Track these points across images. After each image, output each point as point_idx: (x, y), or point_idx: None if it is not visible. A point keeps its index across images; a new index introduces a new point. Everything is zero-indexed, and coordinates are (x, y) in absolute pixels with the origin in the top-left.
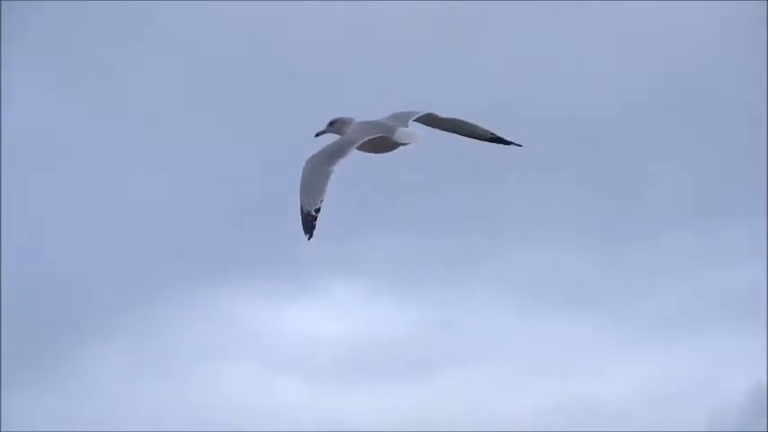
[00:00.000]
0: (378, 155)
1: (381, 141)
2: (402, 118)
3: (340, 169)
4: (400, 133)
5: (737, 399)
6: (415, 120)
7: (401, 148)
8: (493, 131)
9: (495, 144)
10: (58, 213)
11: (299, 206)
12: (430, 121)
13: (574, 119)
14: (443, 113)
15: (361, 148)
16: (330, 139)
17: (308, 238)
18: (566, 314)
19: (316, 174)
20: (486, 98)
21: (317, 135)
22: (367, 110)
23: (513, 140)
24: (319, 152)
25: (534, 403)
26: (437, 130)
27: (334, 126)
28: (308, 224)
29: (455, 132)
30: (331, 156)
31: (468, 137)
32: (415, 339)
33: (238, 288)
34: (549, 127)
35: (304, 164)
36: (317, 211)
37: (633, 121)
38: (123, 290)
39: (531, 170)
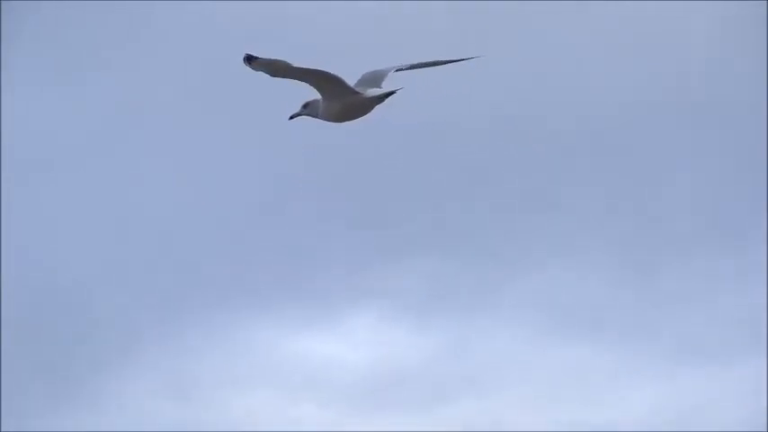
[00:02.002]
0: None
1: (353, 103)
2: (369, 81)
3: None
4: (372, 91)
5: (762, 425)
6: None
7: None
8: (449, 58)
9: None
10: (66, 232)
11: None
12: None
13: (590, 135)
14: (405, 64)
15: (335, 116)
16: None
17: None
18: (585, 340)
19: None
20: (499, 112)
21: (290, 118)
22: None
23: (466, 57)
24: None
25: (553, 430)
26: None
27: (308, 108)
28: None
29: (420, 68)
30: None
31: (431, 66)
32: (433, 366)
33: (255, 315)
34: (565, 145)
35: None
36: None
37: (652, 137)
38: (139, 317)
39: (549, 193)
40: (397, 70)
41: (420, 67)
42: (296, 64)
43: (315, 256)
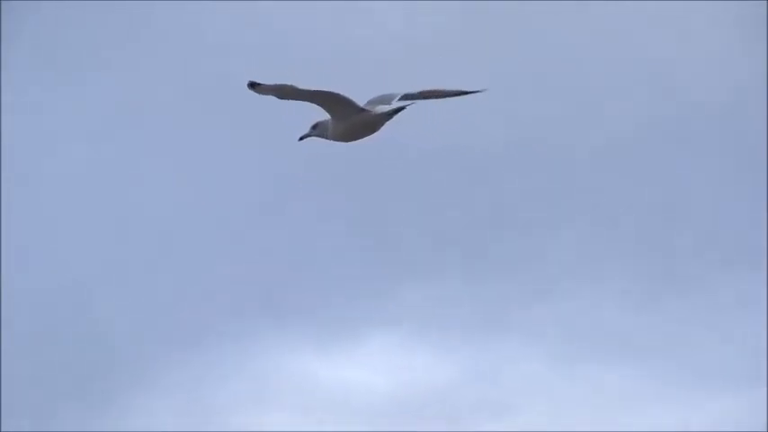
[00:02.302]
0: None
1: (362, 121)
2: (376, 104)
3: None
4: (379, 108)
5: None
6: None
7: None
8: (459, 89)
9: (461, 96)
10: (82, 254)
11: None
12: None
13: (605, 156)
14: (414, 91)
15: (344, 135)
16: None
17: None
18: (605, 364)
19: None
20: (514, 131)
21: (300, 139)
22: None
23: (476, 89)
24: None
25: None
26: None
27: (317, 129)
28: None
29: (427, 98)
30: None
31: (439, 98)
32: (453, 389)
33: (275, 338)
34: (582, 166)
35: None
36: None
37: (669, 160)
38: (159, 340)
39: (570, 218)
40: (402, 97)
41: (426, 98)
42: (302, 86)
43: (334, 280)
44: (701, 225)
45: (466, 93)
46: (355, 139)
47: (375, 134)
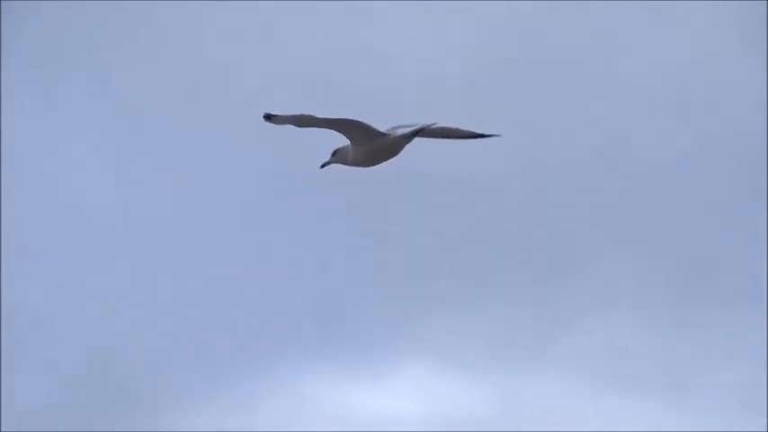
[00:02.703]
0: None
1: (382, 145)
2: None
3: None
4: (399, 131)
5: None
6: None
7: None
8: (473, 131)
9: (476, 139)
10: (106, 286)
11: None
12: (421, 133)
13: (633, 187)
14: (433, 124)
15: (365, 160)
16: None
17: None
18: (636, 395)
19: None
20: (544, 163)
21: (322, 166)
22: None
23: (491, 133)
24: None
25: None
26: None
27: (337, 155)
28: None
29: (441, 138)
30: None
31: (453, 138)
32: (482, 420)
33: (303, 368)
34: (610, 196)
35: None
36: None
37: (696, 190)
38: (187, 371)
39: (597, 247)
40: (414, 132)
41: (442, 136)
42: (320, 115)
43: (366, 310)
44: (732, 254)
45: (481, 136)
46: (376, 164)
47: (395, 159)
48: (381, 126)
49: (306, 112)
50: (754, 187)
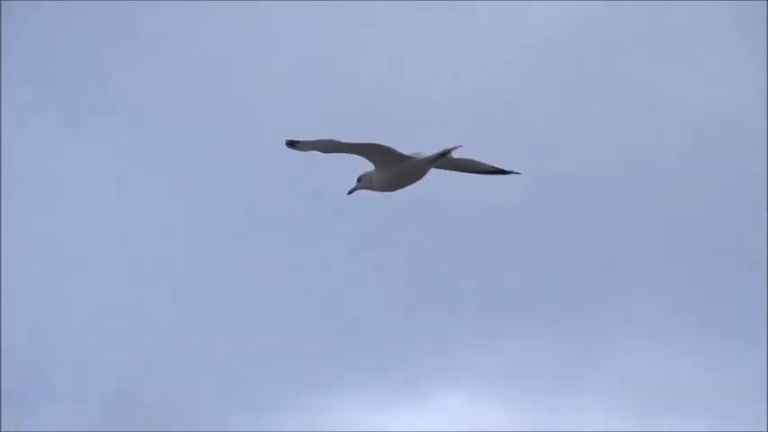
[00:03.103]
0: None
1: (407, 168)
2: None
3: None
4: (423, 154)
5: None
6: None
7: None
8: (495, 166)
9: (497, 175)
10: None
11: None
12: (442, 162)
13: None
14: (457, 147)
15: (390, 184)
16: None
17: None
18: (675, 420)
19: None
20: (578, 191)
21: (349, 193)
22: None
23: (511, 170)
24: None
25: None
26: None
27: (362, 181)
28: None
29: (462, 171)
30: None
31: (473, 173)
32: None
33: (344, 393)
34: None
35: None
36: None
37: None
38: (227, 398)
39: (635, 275)
40: (438, 155)
41: (462, 170)
42: (344, 140)
43: (400, 337)
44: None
45: (502, 172)
46: (401, 188)
47: (420, 184)
48: (405, 150)
49: (330, 137)
50: None
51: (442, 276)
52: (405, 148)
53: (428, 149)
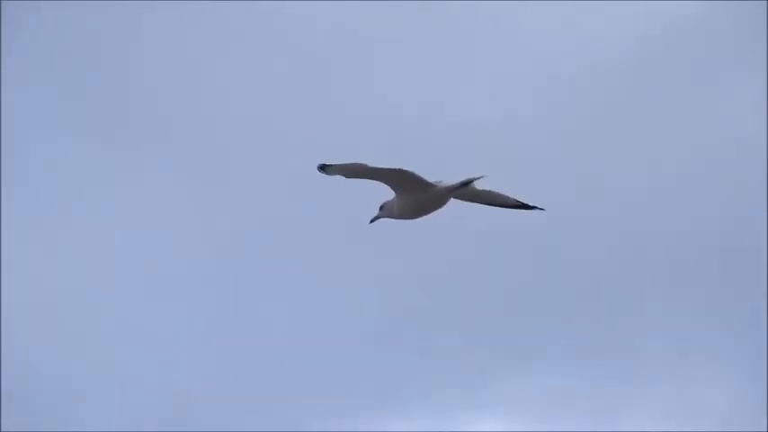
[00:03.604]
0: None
1: (429, 196)
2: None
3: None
4: (445, 183)
5: None
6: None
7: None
8: (519, 200)
9: (521, 210)
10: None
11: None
12: (464, 194)
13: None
14: (480, 177)
15: (411, 211)
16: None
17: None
18: None
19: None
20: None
21: (371, 222)
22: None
23: (536, 205)
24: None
25: None
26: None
27: (384, 209)
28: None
29: (485, 203)
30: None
31: (497, 206)
32: None
33: (385, 421)
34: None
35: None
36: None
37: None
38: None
39: (672, 302)
40: (461, 184)
41: (486, 203)
42: (372, 164)
43: (441, 365)
44: None
45: (526, 207)
46: (422, 216)
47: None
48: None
49: (358, 161)
50: None
51: (476, 307)
52: (428, 176)
53: (450, 179)
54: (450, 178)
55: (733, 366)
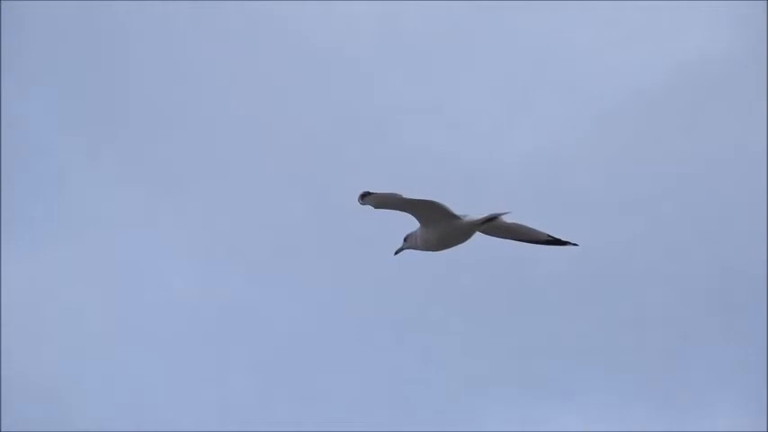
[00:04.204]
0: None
1: (454, 228)
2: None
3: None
4: (471, 217)
5: None
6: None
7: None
8: (551, 235)
9: (553, 246)
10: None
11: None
12: (493, 228)
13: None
14: (507, 213)
15: (435, 243)
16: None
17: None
18: None
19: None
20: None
21: (396, 253)
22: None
23: (569, 240)
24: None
25: None
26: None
27: (408, 240)
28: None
29: (514, 238)
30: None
31: (526, 242)
32: None
33: None
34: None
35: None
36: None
37: None
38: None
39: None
40: (488, 218)
41: (514, 236)
42: (407, 195)
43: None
44: None
45: (558, 242)
46: (447, 248)
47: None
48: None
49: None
50: None
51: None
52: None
53: (478, 213)
54: (486, 211)
55: None
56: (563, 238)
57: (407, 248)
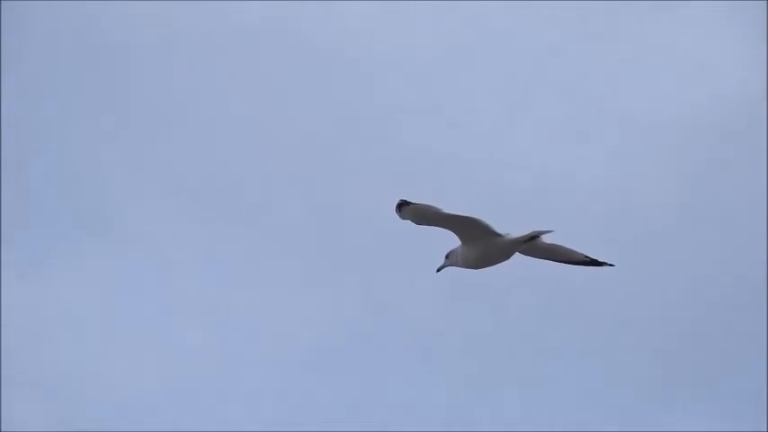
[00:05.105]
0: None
1: (495, 247)
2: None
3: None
4: (513, 235)
5: None
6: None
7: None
8: (588, 255)
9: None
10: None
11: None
12: (530, 248)
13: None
14: (549, 231)
15: (479, 260)
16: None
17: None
18: None
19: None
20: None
21: (438, 270)
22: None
23: (605, 261)
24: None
25: None
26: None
27: (449, 258)
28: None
29: (550, 259)
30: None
31: (563, 262)
32: None
33: None
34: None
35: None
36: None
37: None
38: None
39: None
40: (530, 236)
41: (551, 256)
42: (445, 210)
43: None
44: None
45: (595, 263)
46: (488, 266)
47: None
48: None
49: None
50: None
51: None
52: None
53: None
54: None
55: None
56: (600, 259)
57: (449, 266)
